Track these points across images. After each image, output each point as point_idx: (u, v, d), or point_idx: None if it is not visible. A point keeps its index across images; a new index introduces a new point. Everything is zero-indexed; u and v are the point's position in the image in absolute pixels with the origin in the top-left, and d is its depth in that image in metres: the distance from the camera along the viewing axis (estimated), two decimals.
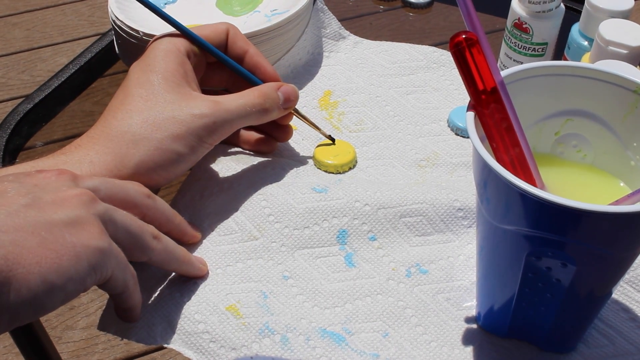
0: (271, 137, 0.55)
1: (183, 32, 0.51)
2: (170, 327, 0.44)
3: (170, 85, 0.47)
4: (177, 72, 0.48)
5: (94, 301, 1.22)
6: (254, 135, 0.55)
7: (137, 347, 1.15)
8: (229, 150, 0.55)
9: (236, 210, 0.50)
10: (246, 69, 0.53)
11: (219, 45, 0.52)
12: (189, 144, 0.46)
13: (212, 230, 0.49)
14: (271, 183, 0.52)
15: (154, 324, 0.44)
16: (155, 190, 0.51)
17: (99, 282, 0.37)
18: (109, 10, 0.62)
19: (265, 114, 0.50)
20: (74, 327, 1.19)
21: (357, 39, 0.68)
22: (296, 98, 0.52)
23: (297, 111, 0.54)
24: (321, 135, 0.58)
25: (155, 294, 0.45)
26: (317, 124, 0.56)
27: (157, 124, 0.46)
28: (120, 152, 0.45)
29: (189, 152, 0.47)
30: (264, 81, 0.53)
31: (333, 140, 0.56)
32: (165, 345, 0.43)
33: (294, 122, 0.59)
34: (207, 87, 0.54)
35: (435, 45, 0.68)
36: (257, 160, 0.54)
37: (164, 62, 0.48)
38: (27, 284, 0.33)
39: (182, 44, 0.50)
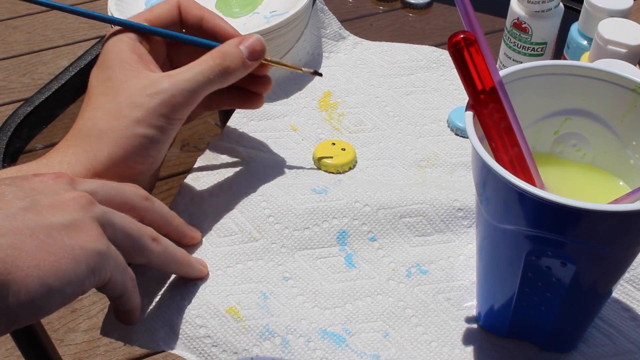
0: (253, 93, 0.53)
1: (119, 23, 0.49)
2: (172, 332, 0.44)
3: (127, 75, 0.46)
4: (131, 60, 0.47)
5: (96, 304, 1.22)
6: (235, 93, 0.53)
7: (139, 349, 1.15)
8: (228, 149, 0.55)
9: (236, 211, 0.50)
10: (206, 36, 0.50)
11: (172, 20, 0.50)
12: (153, 124, 0.45)
13: (212, 232, 0.49)
14: (271, 184, 0.52)
15: (156, 328, 0.44)
16: (152, 185, 0.50)
17: (97, 284, 0.37)
18: (108, 12, 0.62)
19: (229, 73, 0.48)
20: (76, 329, 1.20)
21: (357, 39, 0.68)
22: (262, 47, 0.49)
23: (270, 60, 0.51)
24: (322, 136, 0.58)
25: (156, 298, 0.45)
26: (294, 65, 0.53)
27: (118, 113, 0.45)
28: (91, 148, 0.44)
29: (158, 132, 0.45)
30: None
31: (320, 74, 0.53)
32: (168, 351, 0.43)
33: (294, 122, 0.59)
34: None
35: (436, 45, 0.68)
36: (256, 160, 0.54)
37: (115, 54, 0.47)
38: (26, 287, 0.33)
39: (130, 30, 0.49)
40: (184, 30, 0.51)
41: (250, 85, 0.52)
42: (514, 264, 0.38)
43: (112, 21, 0.49)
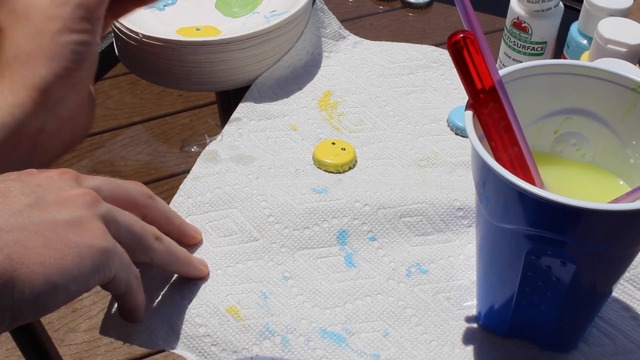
0: None
1: None
2: (172, 331, 0.44)
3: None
4: None
5: (96, 304, 1.22)
6: None
7: (139, 349, 1.15)
8: (227, 149, 0.55)
9: (236, 211, 0.50)
10: None
11: None
12: (75, 29, 0.44)
13: (212, 232, 0.49)
14: (271, 183, 0.52)
15: (156, 327, 0.44)
16: (92, 107, 0.48)
17: (102, 282, 0.37)
18: None
19: None
20: (76, 329, 1.19)
21: (357, 39, 0.68)
22: None
23: None
24: (322, 136, 0.58)
25: (156, 298, 0.45)
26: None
27: (38, 32, 0.44)
28: (26, 71, 0.43)
29: (82, 35, 0.44)
30: None
31: None
32: (168, 350, 0.43)
33: (294, 121, 0.59)
34: None
35: (436, 45, 0.68)
36: (256, 160, 0.54)
37: None
38: (31, 284, 0.33)
39: None
40: None
41: None
42: (514, 264, 0.38)
43: None
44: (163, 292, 0.45)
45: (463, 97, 0.37)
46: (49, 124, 0.42)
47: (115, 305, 0.44)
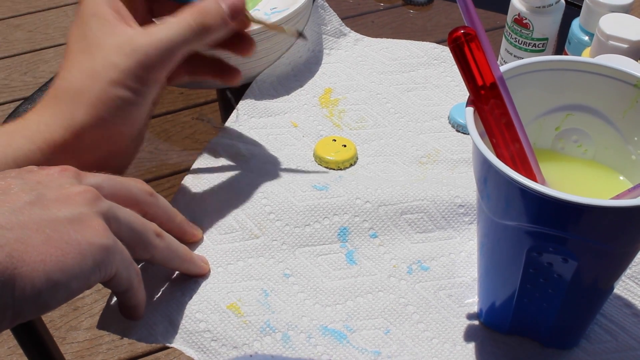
0: (232, 68, 0.51)
1: None
2: (171, 326, 0.44)
3: (103, 31, 0.44)
4: (107, 14, 0.45)
5: (98, 302, 1.22)
6: (215, 62, 0.51)
7: (140, 347, 1.15)
8: (228, 146, 0.55)
9: (237, 208, 0.50)
10: None
11: None
12: (128, 86, 0.43)
13: (213, 229, 0.49)
14: (272, 180, 0.52)
15: (155, 323, 0.44)
16: (135, 152, 0.49)
17: (103, 279, 0.37)
18: None
19: (208, 32, 0.45)
20: (78, 327, 1.20)
21: (358, 36, 0.68)
22: (242, 3, 0.47)
23: (251, 17, 0.48)
24: (322, 133, 0.58)
25: (157, 294, 0.45)
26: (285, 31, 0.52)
27: (94, 73, 0.43)
28: (67, 109, 0.43)
29: (133, 94, 0.44)
30: None
31: (304, 37, 0.52)
32: (167, 344, 0.43)
33: (295, 119, 0.59)
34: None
35: (437, 42, 0.68)
36: (257, 157, 0.54)
37: (91, 8, 0.45)
38: (32, 282, 0.33)
39: None
40: None
41: (232, 48, 0.50)
42: (516, 260, 0.38)
43: None
44: (163, 288, 0.45)
45: (464, 94, 0.37)
46: (73, 163, 0.41)
47: (114, 300, 0.44)
